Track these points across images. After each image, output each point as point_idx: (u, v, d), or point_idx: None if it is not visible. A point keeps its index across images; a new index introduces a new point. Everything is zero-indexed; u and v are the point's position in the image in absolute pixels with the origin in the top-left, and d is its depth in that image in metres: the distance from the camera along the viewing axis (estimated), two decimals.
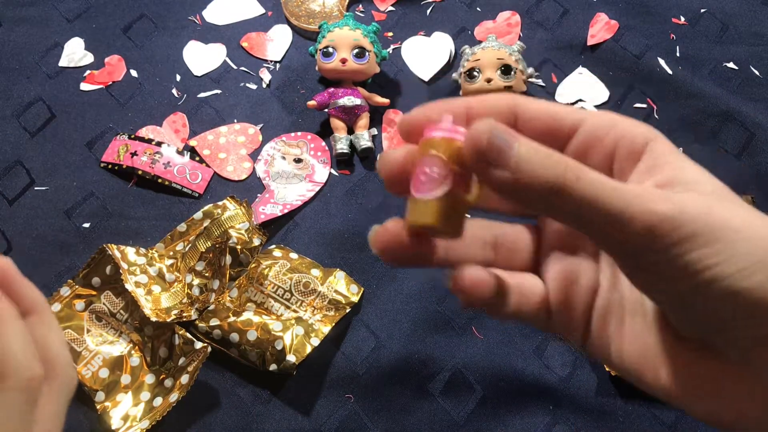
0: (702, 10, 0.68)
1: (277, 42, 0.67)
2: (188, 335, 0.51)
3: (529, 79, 0.62)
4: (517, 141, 0.21)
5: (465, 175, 0.24)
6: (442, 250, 0.26)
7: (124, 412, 0.49)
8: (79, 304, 0.52)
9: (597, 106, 0.63)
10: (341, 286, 0.53)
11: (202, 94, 0.64)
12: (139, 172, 0.59)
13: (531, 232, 0.28)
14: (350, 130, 0.61)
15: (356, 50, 0.60)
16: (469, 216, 0.26)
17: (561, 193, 0.21)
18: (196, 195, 0.59)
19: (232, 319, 0.51)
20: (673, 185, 0.22)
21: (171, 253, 0.55)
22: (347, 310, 0.52)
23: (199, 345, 0.50)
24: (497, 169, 0.21)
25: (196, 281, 0.53)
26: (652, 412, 0.49)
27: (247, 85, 0.65)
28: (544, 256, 0.27)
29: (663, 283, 0.21)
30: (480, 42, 0.61)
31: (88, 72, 0.65)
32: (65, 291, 0.52)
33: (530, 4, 0.69)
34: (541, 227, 0.28)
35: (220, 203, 0.56)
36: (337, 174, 0.60)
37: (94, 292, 0.53)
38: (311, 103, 0.61)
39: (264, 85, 0.65)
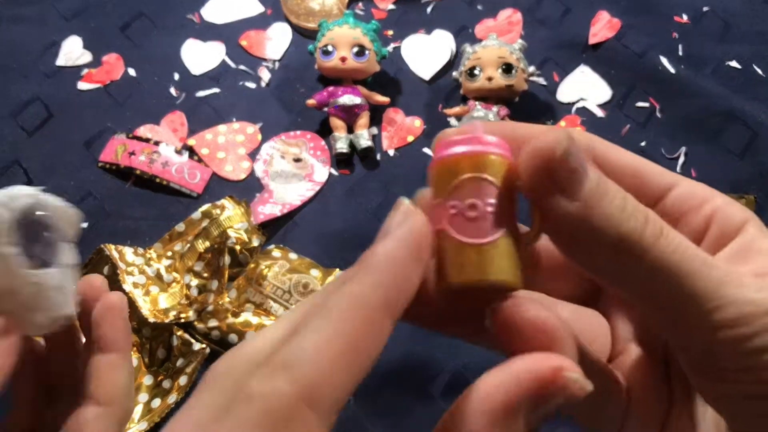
0: (704, 9, 0.68)
1: (276, 40, 0.67)
2: (186, 336, 0.50)
3: (531, 78, 0.62)
4: (593, 169, 0.17)
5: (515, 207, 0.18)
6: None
7: None
8: None
9: (599, 105, 0.63)
10: None
11: (201, 93, 0.64)
12: (137, 172, 0.58)
13: (603, 317, 0.23)
14: (350, 130, 0.61)
15: (356, 48, 0.59)
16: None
17: (633, 249, 0.17)
18: (195, 195, 0.58)
19: (230, 320, 0.51)
20: None
21: (169, 253, 0.55)
22: None
23: (197, 346, 0.49)
24: (563, 197, 0.17)
25: (195, 282, 0.52)
26: None
27: (246, 83, 0.65)
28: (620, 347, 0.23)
29: (734, 386, 0.18)
30: (481, 40, 0.61)
31: (86, 71, 0.65)
32: None
33: (531, 2, 0.69)
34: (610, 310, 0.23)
35: (218, 203, 0.56)
36: (336, 174, 0.60)
37: None
38: (311, 101, 0.60)
39: (263, 84, 0.64)
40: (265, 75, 0.65)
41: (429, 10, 0.69)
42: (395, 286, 0.17)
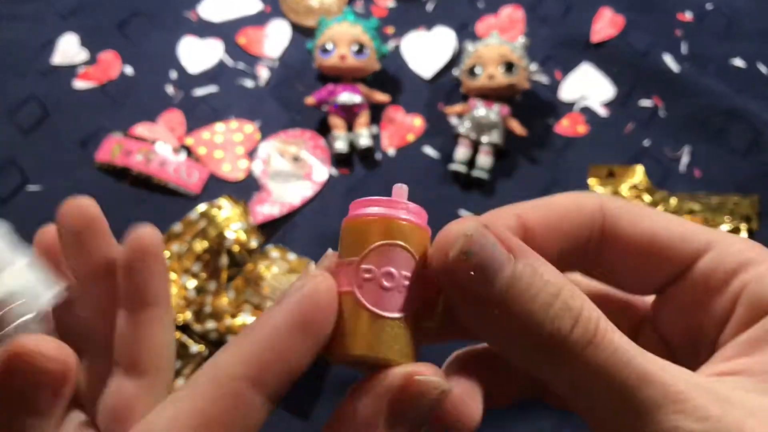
0: (708, 6, 0.67)
1: (274, 38, 0.66)
2: (184, 339, 0.50)
3: (532, 77, 0.61)
4: (521, 257, 0.16)
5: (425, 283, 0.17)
6: None
7: None
8: None
9: (602, 104, 0.62)
10: None
11: (198, 92, 0.63)
12: (134, 172, 0.58)
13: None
14: (350, 128, 0.60)
15: (356, 46, 0.59)
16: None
17: (557, 354, 0.15)
18: (193, 194, 0.58)
19: (228, 321, 0.50)
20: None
21: (167, 253, 0.54)
22: None
23: (195, 348, 0.49)
24: (473, 292, 0.16)
25: (192, 283, 0.52)
26: None
27: (244, 82, 0.64)
28: None
29: None
30: (482, 38, 0.61)
31: (82, 69, 0.64)
32: None
33: None
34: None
35: (216, 203, 0.55)
36: (336, 173, 0.59)
37: None
38: (310, 100, 0.60)
39: (261, 83, 0.64)
40: (263, 73, 0.64)
41: (430, 7, 0.68)
42: (268, 361, 0.16)
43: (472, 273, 0.15)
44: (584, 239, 0.19)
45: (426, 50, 0.65)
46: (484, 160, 0.57)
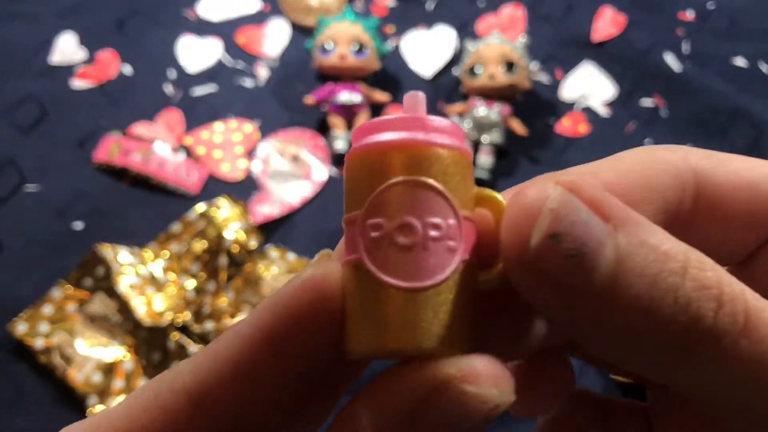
0: (710, 6, 0.67)
1: (274, 37, 0.66)
2: (183, 340, 0.49)
3: (533, 76, 0.61)
4: (621, 226, 0.11)
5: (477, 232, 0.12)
6: None
7: None
8: (72, 306, 0.51)
9: (603, 103, 0.62)
10: None
11: (198, 91, 0.63)
12: (133, 173, 0.58)
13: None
14: (349, 128, 0.60)
15: (356, 45, 0.59)
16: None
17: (698, 347, 0.11)
18: (191, 194, 0.58)
19: (228, 321, 0.50)
20: None
21: (166, 254, 0.54)
22: None
23: (194, 349, 0.49)
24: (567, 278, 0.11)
25: (191, 283, 0.52)
26: None
27: (244, 81, 0.64)
28: None
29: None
30: (482, 37, 0.60)
31: (80, 68, 0.64)
32: (57, 292, 0.51)
33: None
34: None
35: (215, 202, 0.55)
36: (335, 173, 0.59)
37: (86, 294, 0.52)
38: (309, 99, 0.60)
39: (261, 82, 0.64)
40: (262, 72, 0.64)
41: (430, 6, 0.68)
42: (218, 378, 0.13)
43: (564, 262, 0.11)
44: (676, 202, 0.15)
45: (426, 49, 0.65)
46: (485, 159, 0.57)
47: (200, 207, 0.55)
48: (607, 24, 0.66)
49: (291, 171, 0.59)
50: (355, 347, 0.12)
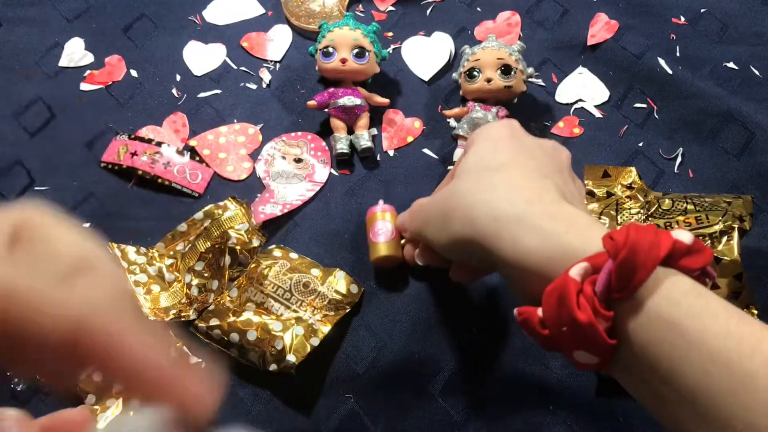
0: (702, 10, 0.68)
1: (277, 42, 0.67)
2: (185, 349, 0.50)
3: (529, 79, 0.62)
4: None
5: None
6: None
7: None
8: None
9: (597, 106, 0.63)
10: (341, 286, 0.53)
11: (202, 94, 0.64)
12: (139, 172, 0.59)
13: None
14: (350, 130, 0.61)
15: (356, 50, 0.60)
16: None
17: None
18: (196, 195, 0.59)
19: (231, 319, 0.51)
20: None
21: (171, 252, 0.55)
22: (347, 310, 0.52)
23: (194, 360, 0.49)
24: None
25: (195, 281, 0.52)
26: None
27: (247, 85, 0.65)
28: None
29: None
30: (480, 42, 0.61)
31: (88, 72, 0.65)
32: None
33: (530, 3, 0.69)
34: None
35: (221, 203, 0.56)
36: (337, 174, 0.60)
37: None
38: (311, 102, 0.61)
39: (264, 85, 0.65)
40: (265, 76, 0.65)
41: (429, 11, 0.69)
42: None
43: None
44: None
45: (425, 54, 0.66)
46: None
47: (206, 207, 0.56)
48: (601, 29, 0.67)
49: (293, 172, 0.60)
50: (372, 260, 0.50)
